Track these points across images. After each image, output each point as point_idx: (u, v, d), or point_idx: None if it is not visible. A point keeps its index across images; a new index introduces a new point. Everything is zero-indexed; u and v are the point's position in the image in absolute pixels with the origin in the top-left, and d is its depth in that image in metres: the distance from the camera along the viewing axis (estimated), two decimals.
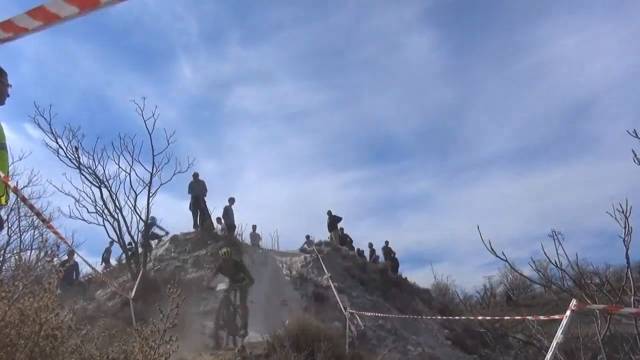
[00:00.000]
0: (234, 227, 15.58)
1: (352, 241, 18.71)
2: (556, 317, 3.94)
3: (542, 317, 4.76)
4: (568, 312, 3.42)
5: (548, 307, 23.24)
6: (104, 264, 16.02)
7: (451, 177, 65.15)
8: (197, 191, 14.97)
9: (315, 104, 79.38)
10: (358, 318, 10.48)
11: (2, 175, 3.08)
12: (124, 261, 13.14)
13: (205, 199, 15.21)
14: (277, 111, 79.34)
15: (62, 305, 2.74)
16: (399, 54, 79.72)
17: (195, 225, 15.10)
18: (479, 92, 76.60)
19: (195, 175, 14.91)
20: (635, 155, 4.69)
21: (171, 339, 2.62)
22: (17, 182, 11.53)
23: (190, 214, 15.30)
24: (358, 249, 18.82)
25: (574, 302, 3.48)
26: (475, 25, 79.64)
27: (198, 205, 15.03)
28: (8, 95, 3.24)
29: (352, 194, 58.81)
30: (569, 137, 67.00)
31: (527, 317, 5.67)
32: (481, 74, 77.45)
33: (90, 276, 13.63)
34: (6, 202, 3.36)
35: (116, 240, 12.10)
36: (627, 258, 5.03)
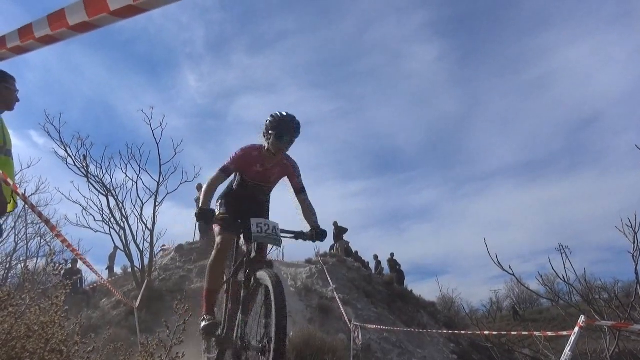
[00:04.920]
0: None
1: (357, 252, 18.63)
2: (564, 333, 3.90)
3: (549, 333, 4.70)
4: (576, 329, 3.38)
5: (555, 321, 22.94)
6: (108, 270, 16.06)
7: (456, 189, 64.99)
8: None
9: (320, 114, 79.86)
10: (360, 332, 10.39)
11: (11, 183, 3.11)
12: (129, 270, 13.15)
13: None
14: None
15: (68, 317, 2.74)
16: (404, 64, 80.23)
17: (201, 234, 15.13)
18: (484, 103, 76.71)
19: (199, 187, 15.02)
20: None
21: (177, 356, 2.61)
22: (25, 189, 11.64)
23: (195, 224, 15.37)
24: (364, 261, 18.73)
25: (582, 318, 3.44)
26: (479, 36, 79.95)
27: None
28: (17, 101, 3.27)
29: (357, 204, 58.73)
30: (575, 150, 66.72)
31: (535, 333, 5.60)
32: (486, 85, 77.55)
33: (94, 285, 13.65)
34: (13, 209, 3.38)
35: (121, 248, 12.13)
36: (636, 273, 4.98)
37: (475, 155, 70.94)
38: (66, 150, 11.50)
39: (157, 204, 12.23)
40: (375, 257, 19.81)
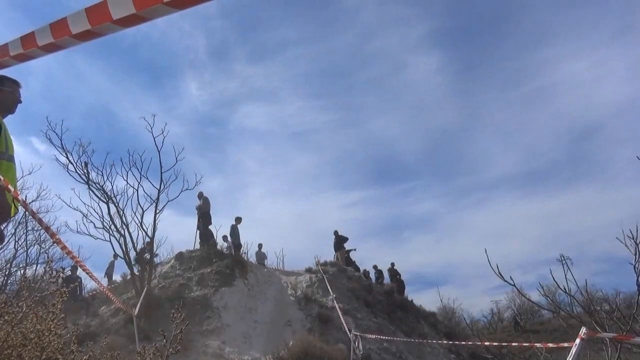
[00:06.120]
0: (240, 246, 15.58)
1: (354, 262, 18.55)
2: (565, 345, 3.87)
3: (550, 345, 4.67)
4: (578, 341, 3.36)
5: (556, 333, 22.78)
6: (106, 277, 16.01)
7: (456, 199, 64.78)
8: (204, 209, 15.13)
9: (320, 123, 79.83)
10: (360, 342, 10.32)
11: (12, 189, 3.11)
12: (128, 277, 13.11)
13: (210, 213, 15.35)
14: (282, 129, 79.84)
15: (65, 324, 2.72)
16: (405, 75, 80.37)
17: (201, 242, 15.13)
18: (485, 114, 76.70)
19: (200, 195, 15.09)
20: None
21: None
22: (25, 196, 11.65)
23: (196, 232, 15.43)
24: (364, 270, 18.65)
25: (583, 330, 3.42)
26: (481, 47, 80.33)
27: (205, 223, 15.13)
28: (19, 102, 3.28)
29: (357, 214, 58.54)
30: (576, 161, 66.61)
31: (536, 345, 5.55)
32: (487, 96, 77.70)
33: (94, 292, 13.61)
34: (14, 214, 3.39)
35: (121, 256, 12.11)
36: (638, 285, 4.95)
37: (475, 166, 70.77)
38: (67, 157, 11.53)
39: (157, 211, 12.23)
40: (375, 267, 19.72)
